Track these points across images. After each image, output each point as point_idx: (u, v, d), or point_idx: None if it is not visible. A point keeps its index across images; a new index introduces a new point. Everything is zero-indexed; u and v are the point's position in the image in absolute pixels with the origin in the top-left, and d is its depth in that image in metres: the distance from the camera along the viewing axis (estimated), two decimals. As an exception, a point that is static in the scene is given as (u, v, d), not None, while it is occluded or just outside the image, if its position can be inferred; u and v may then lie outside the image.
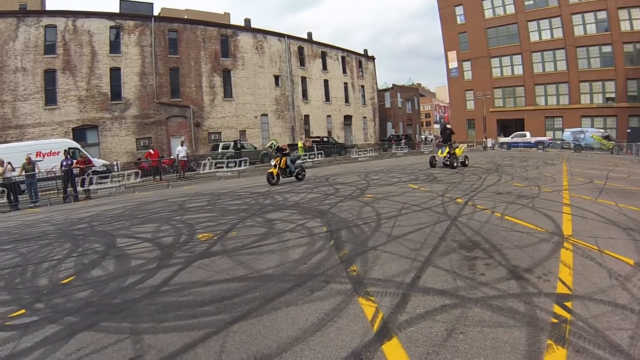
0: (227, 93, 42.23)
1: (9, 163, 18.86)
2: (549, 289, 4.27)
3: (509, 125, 51.96)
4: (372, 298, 4.21)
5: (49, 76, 34.13)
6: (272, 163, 17.01)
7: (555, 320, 3.59)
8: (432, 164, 20.30)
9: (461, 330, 3.47)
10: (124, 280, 5.38)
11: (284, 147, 17.49)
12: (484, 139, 48.76)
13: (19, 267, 6.70)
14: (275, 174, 16.46)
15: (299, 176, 17.68)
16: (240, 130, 42.31)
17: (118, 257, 6.57)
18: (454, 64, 56.39)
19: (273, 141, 17.70)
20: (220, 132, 41.18)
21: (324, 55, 53.04)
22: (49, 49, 34.25)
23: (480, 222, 7.36)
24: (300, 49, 50.01)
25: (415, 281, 4.62)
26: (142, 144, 36.12)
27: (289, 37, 48.40)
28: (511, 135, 45.80)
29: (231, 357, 3.30)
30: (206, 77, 40.73)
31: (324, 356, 3.20)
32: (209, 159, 25.46)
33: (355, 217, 8.32)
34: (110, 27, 36.44)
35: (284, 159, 16.90)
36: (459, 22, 55.58)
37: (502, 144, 45.11)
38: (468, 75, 55.26)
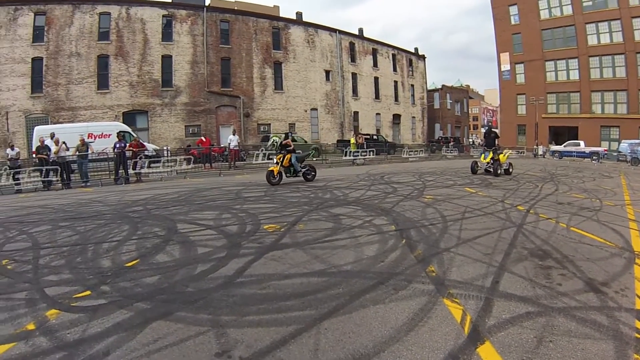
0: (278, 85, 42.14)
1: (64, 142, 19.26)
2: (628, 304, 4.08)
3: (561, 133, 49.29)
4: (456, 300, 4.07)
5: (102, 61, 35.26)
6: (274, 160, 15.30)
7: (638, 336, 3.45)
8: (474, 170, 18.13)
9: (550, 339, 3.36)
10: (194, 268, 5.12)
11: (287, 144, 15.63)
12: (535, 146, 46.49)
13: (78, 245, 6.60)
14: (276, 173, 14.73)
15: (308, 176, 15.66)
16: (289, 123, 42.16)
17: (182, 243, 6.34)
18: (506, 66, 54.20)
19: (275, 137, 16.07)
20: (270, 124, 41.14)
21: (374, 52, 52.30)
22: (103, 35, 35.30)
23: (546, 232, 6.98)
24: (352, 45, 49.45)
25: (494, 286, 4.49)
26: (190, 131, 36.58)
27: (340, 32, 47.88)
28: (564, 144, 43.16)
29: (327, 355, 3.10)
30: (257, 68, 40.75)
31: (422, 357, 3.07)
32: (262, 150, 25.37)
33: (421, 218, 7.98)
34: (163, 16, 37.07)
35: (287, 156, 15.05)
36: (512, 22, 53.11)
37: (553, 152, 42.83)
38: (521, 78, 52.97)
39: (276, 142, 15.99)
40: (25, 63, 33.61)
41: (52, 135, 19.70)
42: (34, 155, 22.17)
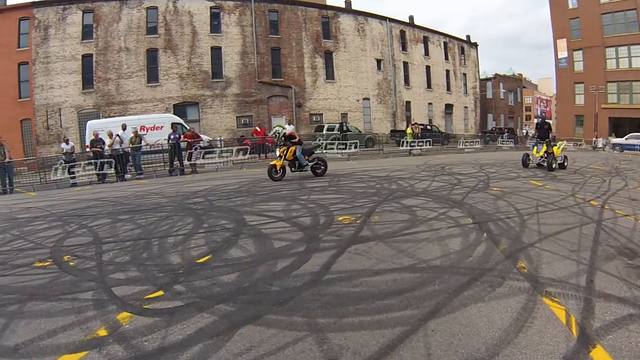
0: (329, 75, 41.72)
1: (117, 135, 19.67)
2: None
3: (622, 125, 45.67)
4: (556, 299, 3.85)
5: (151, 55, 36.04)
6: (277, 153, 14.08)
7: None
8: (525, 163, 16.76)
9: (659, 343, 3.09)
10: (274, 264, 4.89)
11: (292, 135, 14.27)
12: (594, 139, 43.25)
13: (141, 240, 6.55)
14: (279, 167, 13.58)
15: (317, 170, 14.22)
16: (342, 113, 41.68)
17: (255, 236, 6.15)
18: (563, 54, 51.14)
19: (278, 127, 14.79)
20: (322, 114, 40.85)
21: (425, 40, 51.02)
22: (151, 29, 36.12)
23: (628, 229, 6.57)
24: (402, 33, 48.32)
25: (590, 285, 4.25)
26: (242, 122, 36.79)
27: (391, 20, 46.83)
28: (626, 136, 39.64)
29: (441, 360, 2.89)
30: (308, 58, 40.49)
31: (537, 361, 2.88)
32: (318, 139, 25.20)
33: (495, 211, 7.62)
34: (210, 8, 37.37)
35: (291, 148, 13.75)
36: (570, 6, 49.76)
37: (614, 145, 39.46)
38: (579, 66, 49.73)
39: (279, 132, 14.34)
40: (75, 60, 34.92)
41: (124, 127, 20.44)
42: (87, 149, 22.78)
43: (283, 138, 14.00)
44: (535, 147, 16.69)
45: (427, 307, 3.62)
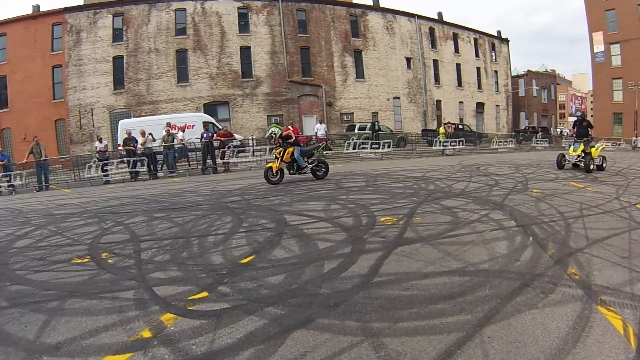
0: (359, 74, 41.50)
1: (150, 134, 20.03)
2: None
3: None
4: (612, 309, 3.68)
5: (181, 55, 36.78)
6: (273, 155, 13.46)
7: None
8: (560, 164, 15.64)
9: None
10: (320, 265, 4.81)
11: (289, 135, 13.42)
12: (634, 138, 40.09)
13: (180, 238, 6.58)
14: (275, 170, 12.87)
15: (318, 172, 13.43)
16: (372, 112, 41.36)
17: (297, 236, 6.10)
18: (599, 47, 49.11)
19: (274, 128, 13.81)
20: (353, 113, 40.67)
21: (455, 37, 50.04)
22: (180, 30, 36.87)
23: None
24: (431, 30, 47.56)
25: None
26: (273, 121, 36.76)
27: (419, 17, 46.13)
28: None
29: (502, 369, 2.81)
30: (337, 57, 40.43)
31: (600, 374, 2.79)
32: (353, 139, 25.20)
33: (538, 213, 7.40)
34: (238, 8, 37.75)
35: (289, 150, 13.04)
36: None
37: None
38: (616, 60, 47.70)
39: (275, 134, 13.42)
40: (106, 62, 36.08)
41: (169, 125, 21.01)
42: (119, 148, 23.23)
43: (280, 139, 13.30)
44: (572, 146, 15.75)
45: (481, 313, 3.55)
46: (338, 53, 40.45)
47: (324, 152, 13.72)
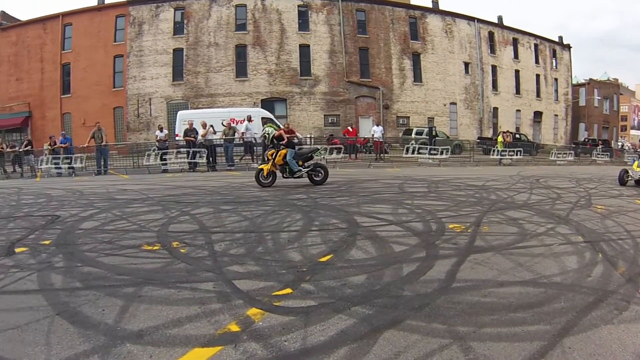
0: (417, 77, 41.12)
1: (211, 126, 20.59)
2: None
3: None
4: None
5: (240, 51, 37.75)
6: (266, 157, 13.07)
7: None
8: (623, 180, 14.73)
9: None
10: (399, 268, 4.88)
11: (281, 136, 12.98)
12: None
13: (252, 232, 6.71)
14: (266, 172, 12.55)
15: (315, 178, 12.87)
16: (428, 117, 40.85)
17: (371, 238, 6.20)
18: None
19: (267, 128, 13.51)
20: (409, 117, 40.38)
21: (515, 42, 48.35)
22: (240, 26, 37.78)
23: None
24: (490, 35, 46.29)
25: None
26: (329, 121, 37.43)
27: (479, 20, 45.01)
28: None
29: (580, 380, 2.86)
30: (396, 59, 40.20)
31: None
32: (412, 143, 25.09)
33: (605, 230, 7.26)
34: (298, 6, 38.31)
35: (281, 152, 12.51)
36: None
37: None
38: None
39: (268, 134, 13.17)
40: (167, 54, 37.58)
41: (250, 118, 22.03)
42: (176, 138, 24.07)
43: (274, 140, 12.92)
44: (636, 162, 14.92)
45: (559, 324, 3.58)
46: (396, 55, 40.25)
47: (322, 157, 13.32)
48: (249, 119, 22.18)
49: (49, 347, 3.15)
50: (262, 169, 12.68)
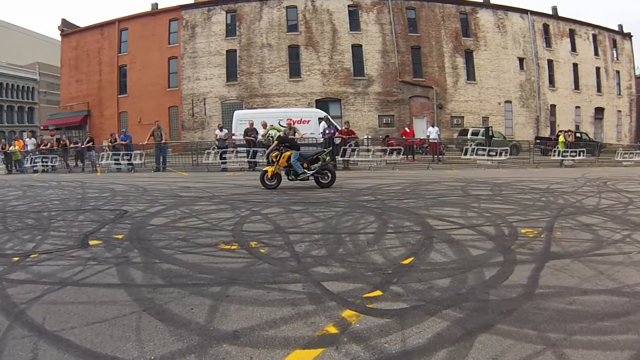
0: (470, 75, 40.30)
1: (272, 126, 20.95)
2: None
3: None
4: None
5: (293, 51, 38.42)
6: (270, 159, 13.05)
7: None
8: None
9: None
10: (480, 272, 4.90)
11: (285, 138, 13.10)
12: None
13: (329, 234, 6.76)
14: (270, 174, 12.50)
15: (322, 180, 12.69)
16: (482, 117, 39.94)
17: (448, 241, 6.23)
18: None
19: (271, 130, 13.51)
20: (463, 117, 39.73)
21: (571, 34, 45.98)
22: (292, 27, 38.50)
23: None
24: (545, 27, 44.02)
25: None
26: (384, 121, 37.51)
27: (532, 12, 43.08)
28: None
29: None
30: (448, 57, 39.64)
31: None
32: (470, 144, 24.84)
33: None
34: (348, 6, 38.55)
35: (285, 154, 12.45)
36: None
37: None
38: None
39: (272, 136, 13.19)
40: (220, 55, 38.81)
41: (327, 119, 22.14)
42: (233, 137, 24.67)
43: (277, 142, 12.85)
44: None
45: None
46: (449, 53, 39.67)
47: (327, 158, 13.25)
48: (325, 120, 22.17)
49: (140, 344, 3.26)
50: (266, 171, 12.66)
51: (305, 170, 12.59)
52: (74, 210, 9.59)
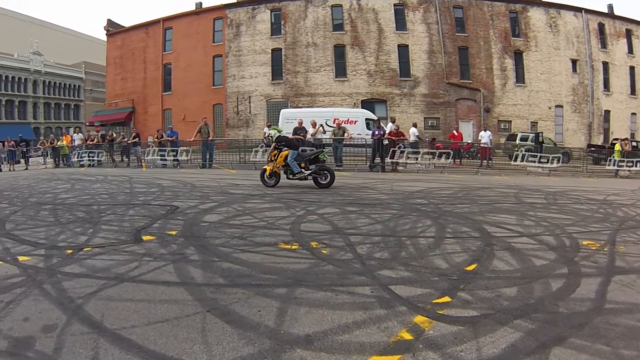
0: (519, 78, 38.40)
1: (321, 125, 21.11)
2: None
3: None
4: None
5: (338, 51, 38.36)
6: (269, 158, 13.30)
7: None
8: None
9: None
10: (547, 283, 4.82)
11: (283, 138, 13.33)
12: None
13: (389, 236, 6.79)
14: (269, 173, 12.93)
15: (320, 180, 12.84)
16: (531, 122, 38.07)
17: (509, 250, 6.17)
18: None
19: (272, 131, 13.61)
20: (511, 121, 37.91)
21: (628, 34, 42.35)
22: (337, 26, 38.42)
23: None
24: (600, 27, 41.10)
25: None
26: (429, 124, 36.95)
27: (587, 11, 40.32)
28: None
29: None
30: (497, 58, 38.25)
31: None
32: (521, 150, 24.39)
33: None
34: (394, 5, 38.10)
35: (283, 153, 12.76)
36: None
37: None
38: None
39: (272, 136, 13.46)
40: (265, 54, 39.20)
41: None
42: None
43: (275, 142, 13.14)
44: None
45: None
46: (497, 54, 38.34)
47: (325, 158, 13.32)
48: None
49: (208, 347, 3.23)
50: (265, 169, 13.10)
51: (302, 170, 12.84)
52: (123, 205, 9.89)
